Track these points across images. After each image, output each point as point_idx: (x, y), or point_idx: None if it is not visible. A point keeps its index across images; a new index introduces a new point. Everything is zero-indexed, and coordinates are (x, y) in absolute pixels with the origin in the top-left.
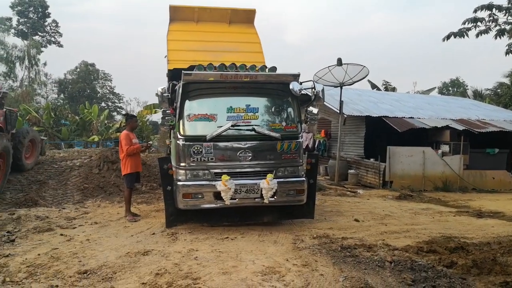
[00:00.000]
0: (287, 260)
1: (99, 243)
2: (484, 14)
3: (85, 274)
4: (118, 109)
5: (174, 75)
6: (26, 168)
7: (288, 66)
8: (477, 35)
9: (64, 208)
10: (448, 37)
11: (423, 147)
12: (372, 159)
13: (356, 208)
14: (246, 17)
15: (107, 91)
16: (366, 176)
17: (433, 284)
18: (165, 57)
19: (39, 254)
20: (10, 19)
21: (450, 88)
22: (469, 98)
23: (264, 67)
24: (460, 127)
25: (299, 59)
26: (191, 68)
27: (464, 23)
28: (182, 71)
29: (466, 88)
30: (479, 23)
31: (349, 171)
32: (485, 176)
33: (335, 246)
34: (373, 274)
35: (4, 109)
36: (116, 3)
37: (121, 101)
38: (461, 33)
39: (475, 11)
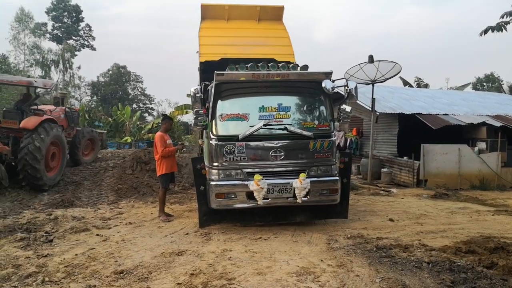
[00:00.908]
0: (322, 260)
1: (134, 243)
2: None
3: (121, 274)
4: (150, 110)
5: (205, 67)
6: (82, 163)
7: (319, 65)
8: None
9: (99, 209)
10: (485, 31)
11: (459, 144)
12: (405, 157)
13: (390, 208)
14: (275, 14)
15: (139, 93)
16: (400, 174)
17: (473, 286)
18: (197, 52)
19: (76, 254)
20: (45, 24)
21: (484, 84)
22: (505, 93)
23: (295, 66)
24: (497, 124)
25: (330, 57)
26: (223, 61)
27: (502, 16)
28: (215, 71)
29: (502, 83)
30: None
31: (382, 169)
32: None
33: (370, 246)
34: (411, 275)
35: (65, 108)
36: (145, 5)
37: (152, 102)
38: (499, 27)
39: None
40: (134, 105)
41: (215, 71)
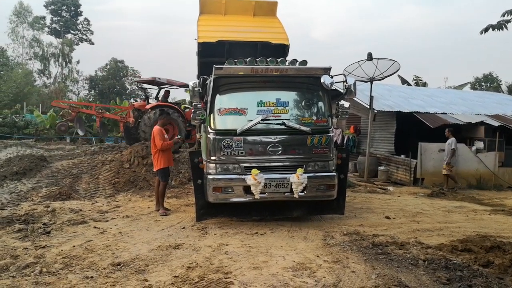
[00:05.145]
0: (318, 256)
1: (131, 236)
2: None
3: (118, 266)
4: None
5: (203, 49)
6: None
7: (317, 62)
8: None
9: (96, 202)
10: (486, 29)
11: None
12: (402, 156)
13: (387, 205)
14: (269, 9)
15: (136, 87)
16: (397, 172)
17: (469, 284)
18: (195, 39)
19: (74, 246)
20: (44, 17)
21: (483, 84)
22: (504, 93)
23: (294, 61)
24: (495, 123)
25: (328, 55)
26: (220, 43)
27: (503, 15)
28: (214, 65)
29: (500, 83)
30: None
31: (379, 167)
32: None
33: (366, 243)
34: (406, 272)
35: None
36: (145, 0)
37: (149, 97)
38: (499, 26)
39: None
40: (132, 100)
41: (214, 65)
